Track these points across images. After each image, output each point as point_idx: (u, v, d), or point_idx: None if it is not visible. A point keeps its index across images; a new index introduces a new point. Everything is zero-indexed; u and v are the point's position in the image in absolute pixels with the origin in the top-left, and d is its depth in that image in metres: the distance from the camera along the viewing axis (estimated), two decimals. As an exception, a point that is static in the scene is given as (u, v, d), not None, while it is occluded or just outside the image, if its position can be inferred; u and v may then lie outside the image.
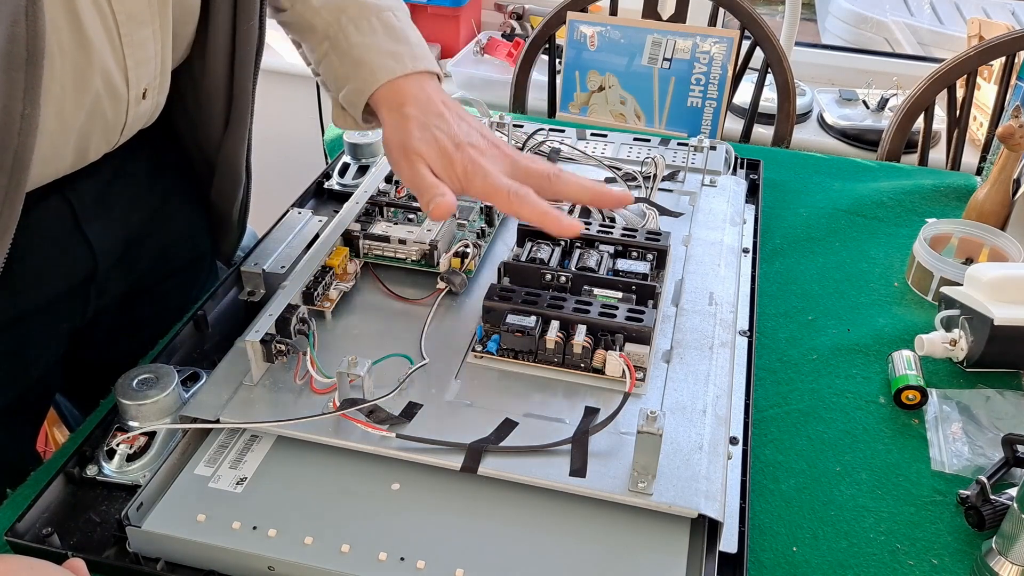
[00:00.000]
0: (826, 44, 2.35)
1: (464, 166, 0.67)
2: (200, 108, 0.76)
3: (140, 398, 0.63)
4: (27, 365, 0.73)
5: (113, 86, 0.63)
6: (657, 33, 1.23)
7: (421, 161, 0.67)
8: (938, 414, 0.73)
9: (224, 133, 0.78)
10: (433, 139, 0.68)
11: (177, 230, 0.84)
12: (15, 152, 0.54)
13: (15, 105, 0.53)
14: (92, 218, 0.71)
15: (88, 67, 0.60)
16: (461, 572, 0.54)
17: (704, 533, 0.57)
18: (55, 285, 0.71)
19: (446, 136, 0.68)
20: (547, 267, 0.72)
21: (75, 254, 0.72)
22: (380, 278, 0.77)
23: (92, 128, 0.65)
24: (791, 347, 0.81)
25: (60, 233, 0.70)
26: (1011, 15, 2.26)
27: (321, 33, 0.74)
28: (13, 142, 0.54)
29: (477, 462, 0.58)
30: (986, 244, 0.90)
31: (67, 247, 0.71)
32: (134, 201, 0.76)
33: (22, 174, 0.56)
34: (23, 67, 0.52)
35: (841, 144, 1.73)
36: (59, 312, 0.73)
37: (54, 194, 0.67)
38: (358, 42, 0.73)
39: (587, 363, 0.66)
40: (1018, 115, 0.90)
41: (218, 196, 0.83)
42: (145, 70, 0.66)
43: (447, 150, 0.67)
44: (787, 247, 0.95)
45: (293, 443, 0.62)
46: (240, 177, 0.83)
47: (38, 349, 0.74)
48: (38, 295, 0.70)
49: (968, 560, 0.61)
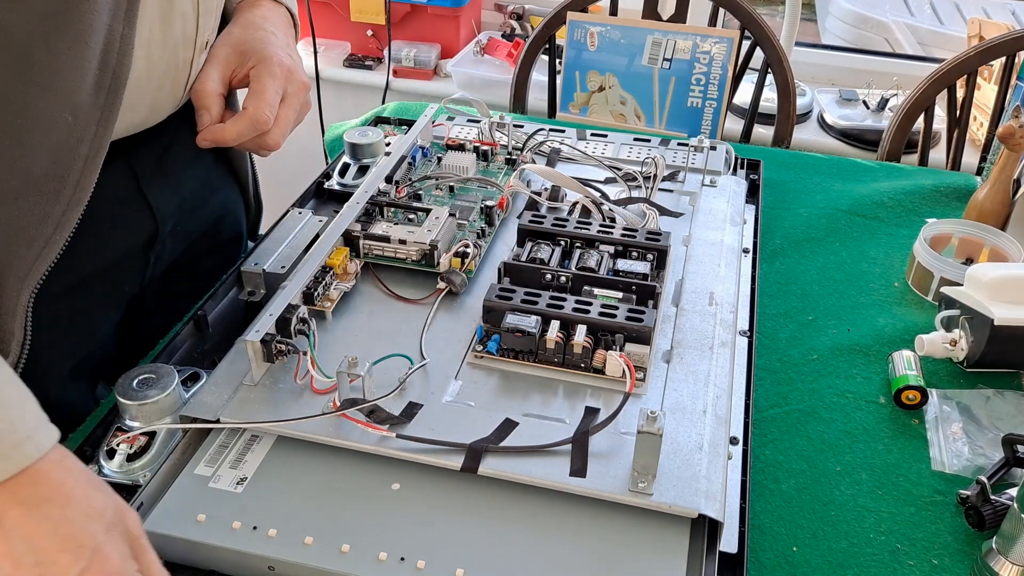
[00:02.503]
0: (826, 44, 2.35)
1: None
2: None
3: (140, 398, 0.63)
4: (93, 327, 0.76)
5: (187, 33, 0.68)
6: (657, 33, 1.23)
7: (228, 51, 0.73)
8: (938, 414, 0.73)
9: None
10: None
11: (221, 204, 0.88)
12: (113, 70, 0.58)
13: (117, 25, 0.57)
14: (153, 183, 0.75)
15: (171, 9, 0.65)
16: (461, 572, 0.54)
17: (704, 533, 0.57)
18: (120, 247, 0.75)
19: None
20: (547, 267, 0.72)
21: (139, 218, 0.75)
22: (380, 278, 0.77)
23: (165, 80, 0.69)
24: (791, 347, 0.81)
25: (125, 198, 0.73)
26: (1011, 15, 2.26)
27: None
28: (112, 61, 0.58)
29: (477, 462, 0.58)
30: (986, 244, 0.90)
31: (131, 211, 0.74)
32: (188, 169, 0.81)
33: (118, 92, 0.59)
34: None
35: (841, 144, 1.73)
36: (122, 275, 0.76)
37: (117, 159, 0.70)
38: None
39: (587, 363, 0.66)
40: (1018, 115, 0.90)
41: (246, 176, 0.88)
42: (209, 20, 0.71)
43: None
44: (787, 247, 0.95)
45: (293, 443, 0.62)
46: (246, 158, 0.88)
47: (102, 311, 0.77)
48: (104, 258, 0.73)
49: (968, 560, 0.61)
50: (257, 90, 0.72)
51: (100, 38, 0.56)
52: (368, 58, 2.02)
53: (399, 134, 1.00)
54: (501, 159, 0.95)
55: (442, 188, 0.89)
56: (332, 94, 1.95)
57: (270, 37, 0.75)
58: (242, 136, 0.72)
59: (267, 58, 0.73)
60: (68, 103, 0.57)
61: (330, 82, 1.95)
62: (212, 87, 0.72)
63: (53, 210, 0.59)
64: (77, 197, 0.60)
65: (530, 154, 0.95)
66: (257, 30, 0.76)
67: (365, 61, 2.01)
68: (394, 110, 1.20)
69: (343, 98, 1.99)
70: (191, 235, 0.84)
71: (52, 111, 0.56)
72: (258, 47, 0.74)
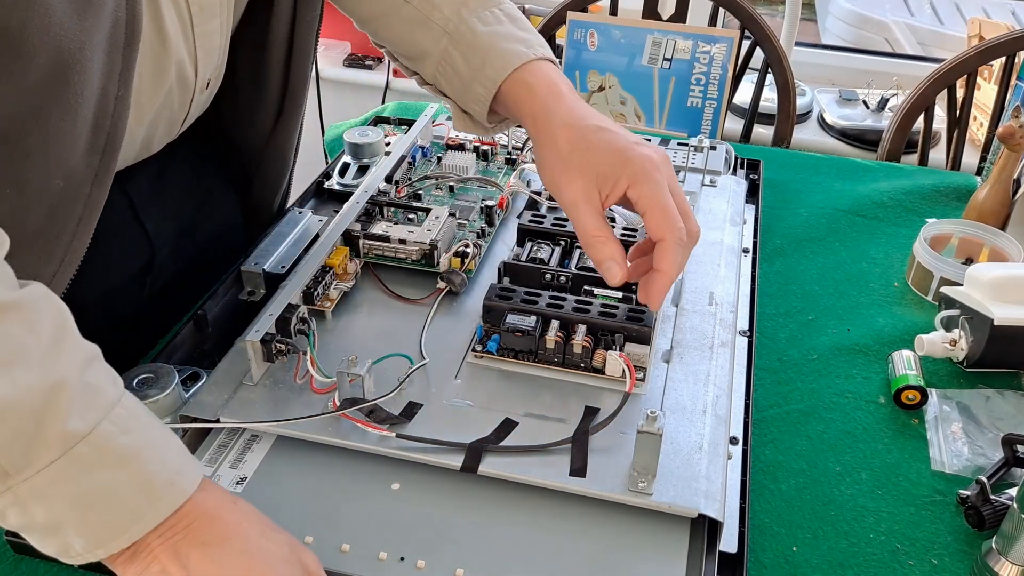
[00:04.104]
0: (826, 44, 2.35)
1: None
2: (253, 99, 0.79)
3: (140, 398, 0.63)
4: None
5: (184, 76, 0.66)
6: (657, 33, 1.23)
7: (586, 182, 0.61)
8: (938, 414, 0.73)
9: (276, 122, 0.80)
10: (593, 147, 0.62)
11: (220, 222, 0.87)
12: (108, 132, 0.56)
13: (111, 87, 0.55)
14: (148, 208, 0.74)
15: (165, 57, 0.62)
16: (461, 572, 0.54)
17: (704, 533, 0.57)
18: (116, 274, 0.74)
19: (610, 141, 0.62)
20: (547, 267, 0.72)
21: (135, 244, 0.75)
22: (380, 278, 0.77)
23: (160, 118, 0.67)
24: (791, 347, 0.81)
25: (120, 224, 0.72)
26: (1011, 15, 2.26)
27: (439, 29, 0.71)
28: (107, 123, 0.56)
29: (477, 462, 0.58)
30: (986, 244, 0.90)
31: (128, 237, 0.74)
32: (184, 192, 0.79)
33: (113, 155, 0.57)
34: (121, 49, 0.54)
35: (841, 144, 1.73)
36: (118, 301, 0.76)
37: (112, 186, 0.69)
38: (484, 31, 0.70)
39: (587, 363, 0.66)
40: (1018, 115, 0.90)
41: (262, 185, 0.85)
42: (211, 60, 0.68)
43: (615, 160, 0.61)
44: (787, 247, 0.95)
45: (293, 443, 0.62)
46: (288, 165, 0.85)
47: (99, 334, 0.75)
48: (101, 285, 0.72)
49: (968, 560, 0.61)
50: (657, 213, 0.60)
51: (92, 103, 0.54)
52: (368, 58, 2.02)
53: (399, 134, 1.00)
54: (501, 159, 0.95)
55: (442, 188, 0.89)
56: (332, 94, 1.95)
57: (606, 134, 0.62)
58: (681, 264, 0.62)
59: (638, 175, 0.60)
60: (60, 169, 0.55)
61: (330, 82, 1.95)
62: (595, 231, 0.61)
63: (44, 270, 0.57)
64: (70, 258, 0.59)
65: (530, 154, 0.95)
66: (587, 132, 0.63)
67: (365, 61, 2.01)
68: (394, 110, 1.20)
69: (343, 98, 1.99)
70: (189, 255, 0.83)
71: (44, 178, 0.54)
72: (613, 159, 0.61)
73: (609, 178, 0.61)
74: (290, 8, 0.74)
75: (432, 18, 0.71)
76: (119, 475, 0.46)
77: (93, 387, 0.47)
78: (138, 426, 0.48)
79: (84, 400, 0.46)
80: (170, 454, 0.49)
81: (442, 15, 0.71)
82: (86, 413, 0.46)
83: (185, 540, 0.47)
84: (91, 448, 0.45)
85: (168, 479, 0.47)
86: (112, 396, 0.48)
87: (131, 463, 0.46)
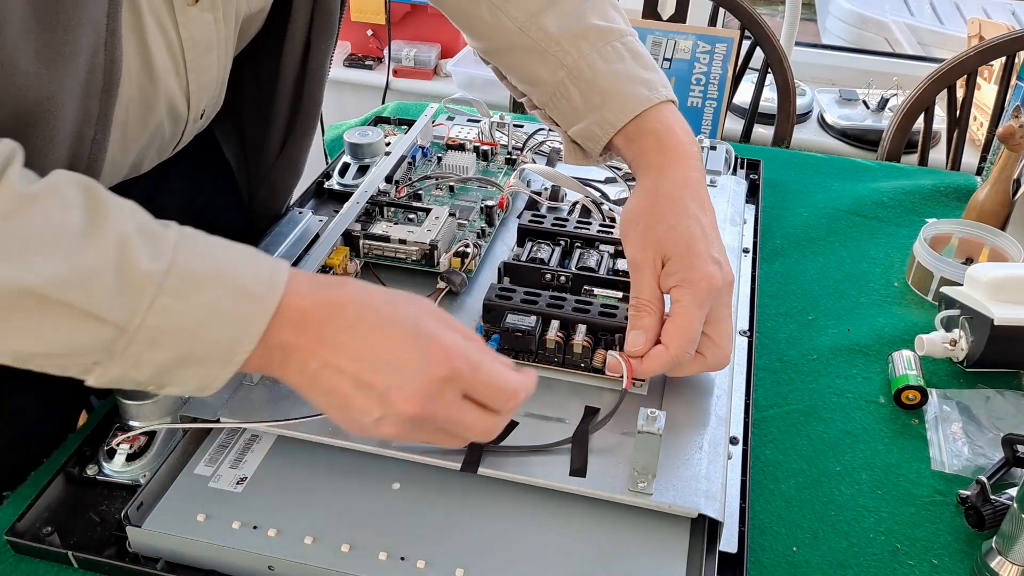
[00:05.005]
0: (826, 44, 2.35)
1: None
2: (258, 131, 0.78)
3: (140, 398, 0.63)
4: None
5: (175, 109, 0.64)
6: (657, 33, 1.23)
7: (656, 254, 0.62)
8: (938, 414, 0.73)
9: (288, 138, 0.79)
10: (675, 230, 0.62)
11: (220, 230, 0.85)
12: (84, 171, 0.54)
13: (87, 131, 0.54)
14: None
15: (153, 94, 0.61)
16: (461, 572, 0.54)
17: (704, 533, 0.57)
18: None
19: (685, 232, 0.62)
20: (547, 267, 0.72)
21: None
22: (380, 278, 0.77)
23: (150, 147, 0.65)
24: (791, 347, 0.81)
25: None
26: (1011, 15, 2.26)
27: (556, 62, 0.69)
28: (82, 166, 0.55)
29: (477, 462, 0.58)
30: (986, 244, 0.90)
31: None
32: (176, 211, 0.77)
33: None
34: (99, 95, 0.53)
35: (841, 144, 1.73)
36: None
37: None
38: (605, 70, 0.68)
39: (587, 363, 0.66)
40: (1018, 115, 0.90)
41: (272, 195, 0.84)
42: (206, 93, 0.67)
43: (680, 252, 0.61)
44: (787, 247, 0.95)
45: (293, 443, 0.62)
46: (297, 178, 0.84)
47: None
48: None
49: (968, 560, 0.61)
50: (677, 325, 0.60)
51: (66, 146, 0.53)
52: (368, 58, 2.02)
53: (399, 134, 1.00)
54: (501, 159, 0.95)
55: (442, 188, 0.89)
56: (332, 94, 1.95)
57: (695, 228, 0.62)
58: (673, 372, 0.63)
59: (688, 283, 0.60)
60: None
61: (330, 82, 1.94)
62: (648, 300, 0.62)
63: None
64: None
65: (530, 154, 0.95)
66: (681, 215, 0.62)
67: (365, 61, 2.01)
68: (394, 110, 1.20)
69: (343, 98, 1.99)
70: None
71: None
72: (682, 258, 0.61)
73: (668, 270, 0.62)
74: (303, 36, 0.72)
75: (549, 50, 0.69)
76: (215, 294, 0.47)
77: (151, 230, 0.48)
78: (208, 249, 0.49)
79: (149, 244, 0.47)
80: (249, 260, 0.50)
81: (560, 48, 0.69)
82: (158, 255, 0.46)
83: (327, 330, 0.49)
84: (178, 279, 0.46)
85: (263, 280, 0.49)
86: (172, 233, 0.48)
87: (220, 281, 0.48)
